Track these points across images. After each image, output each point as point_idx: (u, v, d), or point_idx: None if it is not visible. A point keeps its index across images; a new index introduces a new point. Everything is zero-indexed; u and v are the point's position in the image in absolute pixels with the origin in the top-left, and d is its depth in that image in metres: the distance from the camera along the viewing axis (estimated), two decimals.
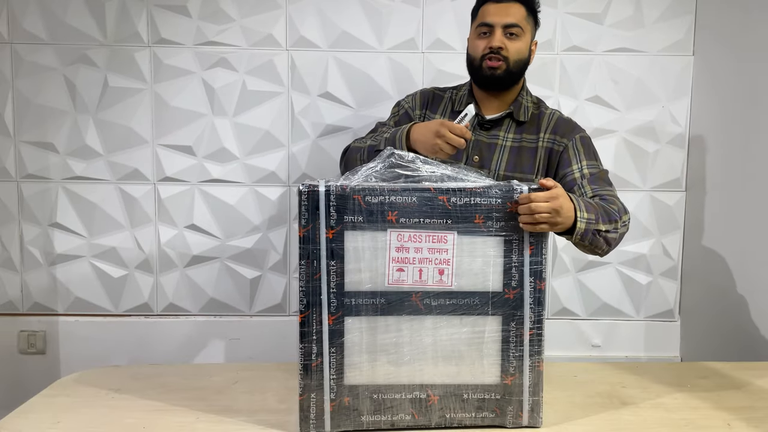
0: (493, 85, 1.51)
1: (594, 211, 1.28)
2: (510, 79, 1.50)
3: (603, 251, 1.35)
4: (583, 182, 1.45)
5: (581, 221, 1.24)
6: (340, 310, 1.14)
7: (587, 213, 1.26)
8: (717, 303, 2.10)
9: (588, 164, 1.48)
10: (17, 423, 1.19)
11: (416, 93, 1.66)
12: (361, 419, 1.16)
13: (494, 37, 1.47)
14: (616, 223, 1.34)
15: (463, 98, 1.58)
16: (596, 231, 1.27)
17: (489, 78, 1.49)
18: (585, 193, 1.43)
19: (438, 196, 1.13)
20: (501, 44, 1.46)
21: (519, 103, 1.55)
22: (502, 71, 1.48)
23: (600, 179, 1.47)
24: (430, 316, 1.16)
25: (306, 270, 1.13)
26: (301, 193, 1.12)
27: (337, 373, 1.15)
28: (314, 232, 1.12)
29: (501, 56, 1.47)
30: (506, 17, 1.47)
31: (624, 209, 1.39)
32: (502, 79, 1.49)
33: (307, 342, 1.14)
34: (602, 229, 1.28)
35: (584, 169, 1.47)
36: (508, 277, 1.16)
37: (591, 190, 1.43)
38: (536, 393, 1.19)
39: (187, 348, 2.26)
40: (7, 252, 2.22)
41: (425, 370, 1.17)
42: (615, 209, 1.36)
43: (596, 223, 1.27)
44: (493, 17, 1.47)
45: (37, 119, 2.17)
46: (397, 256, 1.14)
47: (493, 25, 1.47)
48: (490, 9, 1.48)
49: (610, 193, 1.43)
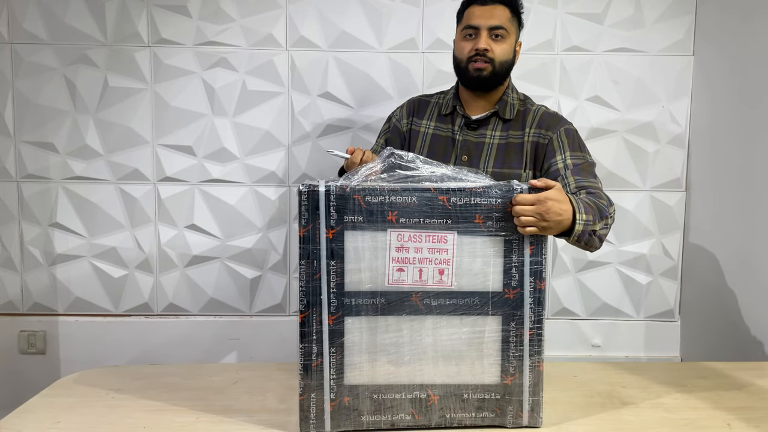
0: (479, 87, 1.54)
1: (591, 211, 1.28)
2: (495, 80, 1.53)
3: (595, 248, 1.35)
4: (567, 173, 1.46)
5: (580, 223, 1.24)
6: (340, 310, 1.14)
7: (586, 215, 1.25)
8: (717, 303, 2.10)
9: (572, 155, 1.49)
10: (17, 423, 1.19)
11: (403, 104, 1.70)
12: (361, 419, 1.16)
13: (480, 39, 1.50)
14: (607, 219, 1.34)
15: (448, 102, 1.61)
16: (592, 231, 1.28)
17: (475, 79, 1.52)
18: (568, 184, 1.43)
19: (438, 196, 1.13)
20: (487, 46, 1.49)
21: (505, 102, 1.56)
22: (487, 73, 1.50)
23: (584, 170, 1.47)
24: (430, 316, 1.16)
25: (306, 270, 1.13)
26: (301, 193, 1.12)
27: (337, 373, 1.15)
28: (314, 232, 1.12)
29: (487, 58, 1.49)
30: (491, 19, 1.49)
31: (609, 201, 1.40)
32: (488, 80, 1.51)
33: (307, 342, 1.14)
34: (597, 228, 1.29)
35: (567, 160, 1.48)
36: (508, 277, 1.16)
37: (574, 180, 1.44)
38: (536, 393, 1.19)
39: (187, 348, 2.26)
40: (7, 252, 2.22)
41: (425, 370, 1.17)
42: (604, 204, 1.36)
43: (593, 224, 1.27)
44: (478, 20, 1.50)
45: (37, 119, 2.17)
46: (397, 256, 1.14)
47: (479, 27, 1.50)
48: (475, 11, 1.51)
49: (595, 185, 1.43)
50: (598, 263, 2.28)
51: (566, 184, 1.43)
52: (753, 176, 1.92)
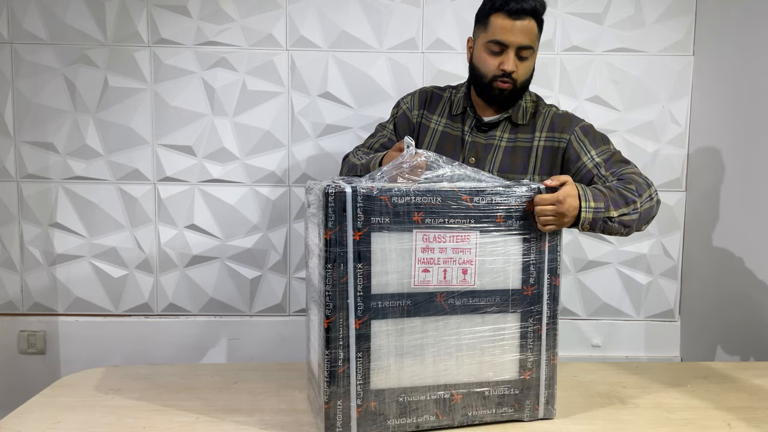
0: (498, 104, 1.51)
1: (603, 198, 1.26)
2: (515, 98, 1.50)
3: (623, 234, 1.32)
4: (601, 171, 1.42)
5: (586, 211, 1.23)
6: (366, 313, 1.12)
7: (594, 202, 1.24)
8: (717, 303, 2.10)
9: (597, 152, 1.46)
10: (17, 423, 1.19)
11: (415, 92, 1.65)
12: (387, 423, 1.14)
13: (508, 59, 1.43)
14: (635, 204, 1.30)
15: (459, 101, 1.58)
16: (607, 218, 1.26)
17: (497, 97, 1.48)
18: (606, 180, 1.40)
19: (462, 196, 1.13)
20: (514, 68, 1.44)
21: (518, 106, 1.54)
22: (509, 92, 1.47)
23: (616, 162, 1.44)
24: (454, 315, 1.16)
25: (332, 273, 1.09)
26: (327, 195, 1.08)
27: (364, 378, 1.12)
28: (341, 234, 1.09)
29: (511, 79, 1.45)
30: (521, 38, 1.42)
31: (646, 183, 1.36)
32: (508, 98, 1.49)
33: (333, 348, 1.10)
34: (614, 215, 1.26)
35: (596, 158, 1.45)
36: (526, 274, 1.18)
37: (611, 174, 1.41)
38: (551, 386, 1.22)
39: (187, 348, 2.26)
40: (7, 252, 2.22)
41: (449, 370, 1.17)
42: (633, 188, 1.32)
43: (606, 211, 1.25)
44: (508, 36, 1.42)
45: (37, 119, 2.17)
46: (423, 257, 1.13)
47: (508, 45, 1.43)
48: (505, 25, 1.42)
49: (630, 171, 1.40)
50: (598, 263, 2.28)
51: (604, 181, 1.41)
52: (753, 176, 1.92)
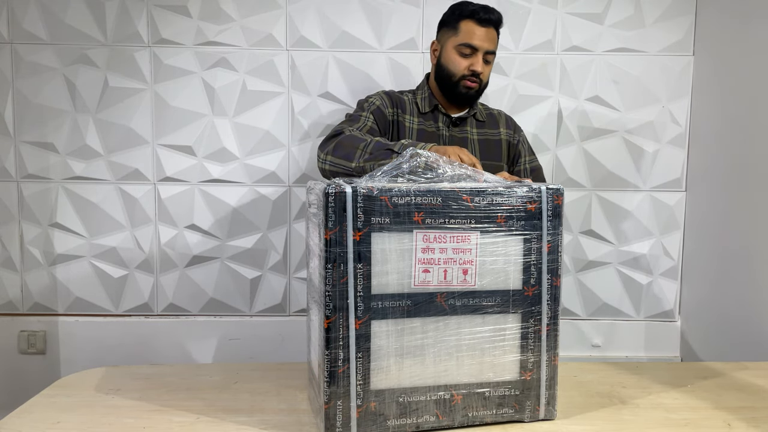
0: (463, 102, 1.69)
1: None
2: (477, 97, 1.71)
3: None
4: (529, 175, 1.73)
5: None
6: (366, 313, 1.12)
7: None
8: (717, 303, 2.10)
9: (529, 159, 1.77)
10: (17, 423, 1.19)
11: (380, 93, 1.73)
12: (387, 423, 1.14)
13: (477, 61, 1.61)
14: None
15: (425, 100, 1.72)
16: None
17: (464, 96, 1.66)
18: None
19: (463, 196, 1.13)
20: (482, 69, 1.63)
21: (476, 107, 1.75)
22: (474, 91, 1.65)
23: (538, 176, 1.76)
24: (455, 316, 1.16)
25: (332, 274, 1.09)
26: (328, 195, 1.08)
27: (364, 379, 1.12)
28: (341, 234, 1.09)
29: (478, 79, 1.64)
30: (489, 43, 1.62)
31: None
32: (473, 97, 1.68)
33: (333, 348, 1.11)
34: None
35: (526, 164, 1.76)
36: (527, 274, 1.17)
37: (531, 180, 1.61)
38: (552, 387, 1.21)
39: (187, 348, 2.26)
40: (7, 252, 2.22)
41: (450, 371, 1.16)
42: None
43: None
44: (479, 41, 1.60)
45: (37, 119, 2.17)
46: (423, 257, 1.13)
47: (478, 49, 1.61)
48: (476, 32, 1.60)
49: None
50: (598, 263, 2.28)
51: None
52: (753, 176, 1.92)
